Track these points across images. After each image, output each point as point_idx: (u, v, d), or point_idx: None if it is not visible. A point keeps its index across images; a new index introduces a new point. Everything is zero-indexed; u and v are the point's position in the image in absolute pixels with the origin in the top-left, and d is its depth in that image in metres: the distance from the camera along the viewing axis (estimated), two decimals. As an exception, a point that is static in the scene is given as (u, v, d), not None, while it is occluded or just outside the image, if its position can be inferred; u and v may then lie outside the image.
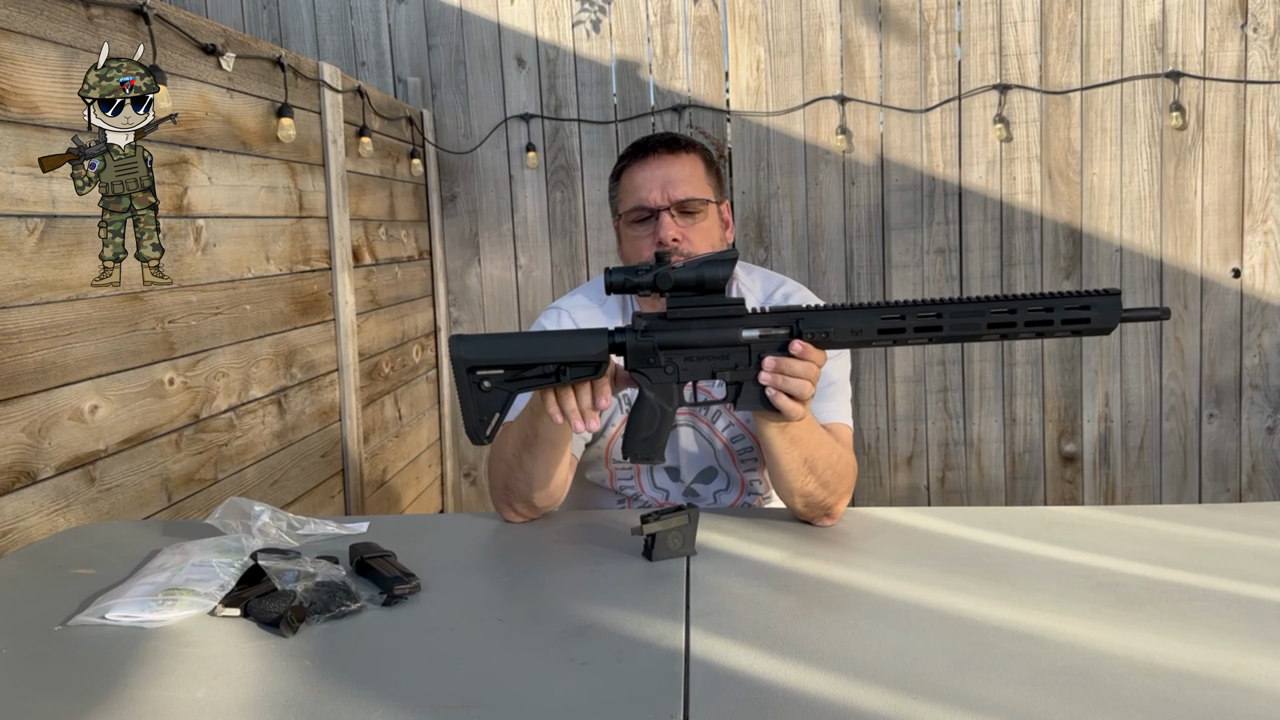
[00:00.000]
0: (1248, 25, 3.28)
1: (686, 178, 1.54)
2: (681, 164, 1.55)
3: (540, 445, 1.37)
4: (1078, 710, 0.84)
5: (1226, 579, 1.12)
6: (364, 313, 2.87)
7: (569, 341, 1.23)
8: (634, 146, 1.60)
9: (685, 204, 1.53)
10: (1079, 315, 1.13)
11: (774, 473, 1.38)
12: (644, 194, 1.54)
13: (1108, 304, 1.13)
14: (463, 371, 1.22)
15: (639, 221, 1.55)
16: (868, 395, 3.58)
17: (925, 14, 3.40)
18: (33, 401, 1.48)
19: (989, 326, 1.15)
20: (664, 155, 1.55)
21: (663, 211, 1.52)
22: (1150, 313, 1.13)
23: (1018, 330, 1.15)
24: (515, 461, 1.40)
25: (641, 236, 1.54)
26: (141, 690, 0.92)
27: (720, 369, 1.23)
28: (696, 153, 1.58)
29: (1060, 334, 1.15)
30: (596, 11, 3.50)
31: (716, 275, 1.20)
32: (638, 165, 1.57)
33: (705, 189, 1.56)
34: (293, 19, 3.59)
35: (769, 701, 0.87)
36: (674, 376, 1.22)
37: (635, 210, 1.55)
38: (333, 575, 1.11)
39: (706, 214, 1.55)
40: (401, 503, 3.20)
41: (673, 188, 1.53)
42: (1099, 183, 3.40)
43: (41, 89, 1.53)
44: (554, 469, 1.40)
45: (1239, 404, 3.44)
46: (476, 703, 0.88)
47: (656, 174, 1.54)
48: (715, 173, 1.61)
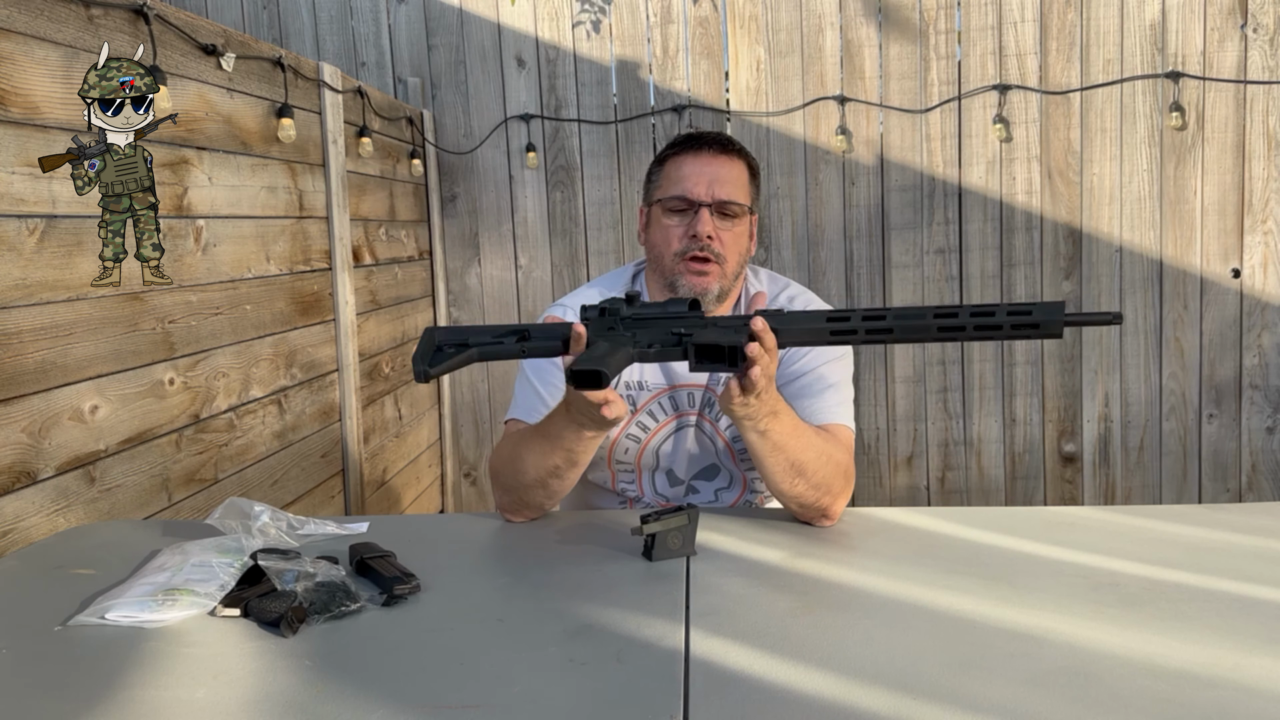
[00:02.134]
0: (1248, 25, 3.28)
1: (733, 180, 1.55)
2: (731, 165, 1.56)
3: (574, 468, 1.39)
4: (1078, 710, 0.84)
5: (1226, 579, 1.12)
6: (364, 313, 2.87)
7: (535, 326, 1.26)
8: (687, 137, 1.60)
9: (726, 205, 1.53)
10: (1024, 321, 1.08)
11: (764, 477, 1.38)
12: (689, 185, 1.54)
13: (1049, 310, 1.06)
14: (429, 339, 1.24)
15: (676, 211, 1.55)
16: (868, 395, 3.58)
17: (925, 14, 3.40)
18: (33, 401, 1.48)
19: (939, 330, 1.12)
20: (716, 152, 1.56)
21: (704, 206, 1.52)
22: (1101, 317, 1.05)
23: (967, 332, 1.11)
24: (538, 483, 1.40)
25: (675, 226, 1.54)
26: (141, 690, 0.92)
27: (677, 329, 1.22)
28: (745, 160, 1.59)
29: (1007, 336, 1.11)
30: (596, 12, 3.50)
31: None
32: (690, 156, 1.56)
33: (746, 196, 1.57)
34: (293, 19, 3.59)
35: (769, 701, 0.87)
36: (629, 340, 1.22)
37: (676, 199, 1.55)
38: (333, 575, 1.11)
39: (742, 221, 1.56)
40: (401, 503, 3.20)
41: (719, 186, 1.53)
42: (1099, 183, 3.40)
43: (41, 89, 1.53)
44: (575, 479, 1.43)
45: (1239, 404, 3.44)
46: (476, 703, 0.88)
47: (706, 169, 1.54)
48: (756, 184, 1.61)
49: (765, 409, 1.27)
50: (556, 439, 1.36)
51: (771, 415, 1.29)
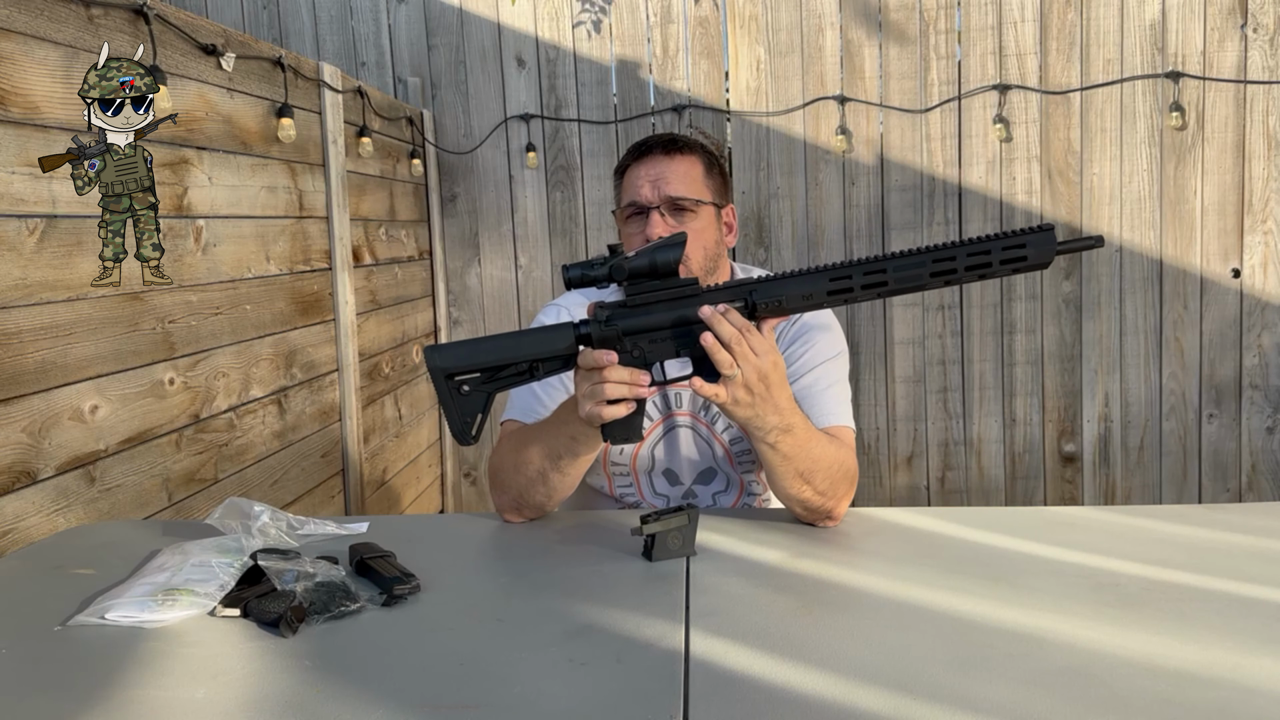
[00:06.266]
0: (1248, 25, 3.28)
1: (680, 177, 1.56)
2: (676, 164, 1.57)
3: (576, 460, 1.38)
4: (1078, 710, 0.84)
5: (1226, 579, 1.12)
6: (364, 313, 2.87)
7: (538, 339, 1.25)
8: (634, 146, 1.63)
9: (675, 201, 1.54)
10: (1015, 255, 1.15)
11: (770, 482, 1.38)
12: (636, 190, 1.57)
13: (1042, 239, 1.14)
14: (441, 379, 1.25)
15: (632, 218, 1.57)
16: (868, 395, 3.58)
17: (925, 14, 3.40)
18: (33, 401, 1.48)
19: (931, 275, 1.17)
20: (659, 155, 1.58)
21: (653, 209, 1.53)
22: (1085, 242, 1.15)
23: (960, 275, 1.16)
24: (539, 477, 1.40)
25: (635, 234, 1.57)
26: (141, 690, 0.92)
27: (683, 347, 1.24)
28: (695, 154, 1.59)
29: (1001, 273, 1.16)
30: (597, 12, 3.50)
31: (668, 259, 1.21)
32: (635, 163, 1.60)
33: (700, 190, 1.56)
34: (293, 19, 3.59)
35: (769, 701, 0.87)
36: (640, 359, 1.24)
37: (629, 206, 1.58)
38: (332, 575, 1.11)
39: (699, 214, 1.55)
40: (401, 503, 3.20)
41: (664, 185, 1.55)
42: (1099, 183, 3.40)
43: (42, 89, 1.53)
44: (578, 479, 1.42)
45: (1239, 404, 3.44)
46: (476, 703, 0.88)
47: (650, 172, 1.56)
48: (718, 175, 1.61)
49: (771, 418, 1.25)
50: (555, 436, 1.36)
51: (783, 430, 1.27)
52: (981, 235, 1.16)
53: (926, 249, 1.17)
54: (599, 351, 1.22)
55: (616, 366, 1.22)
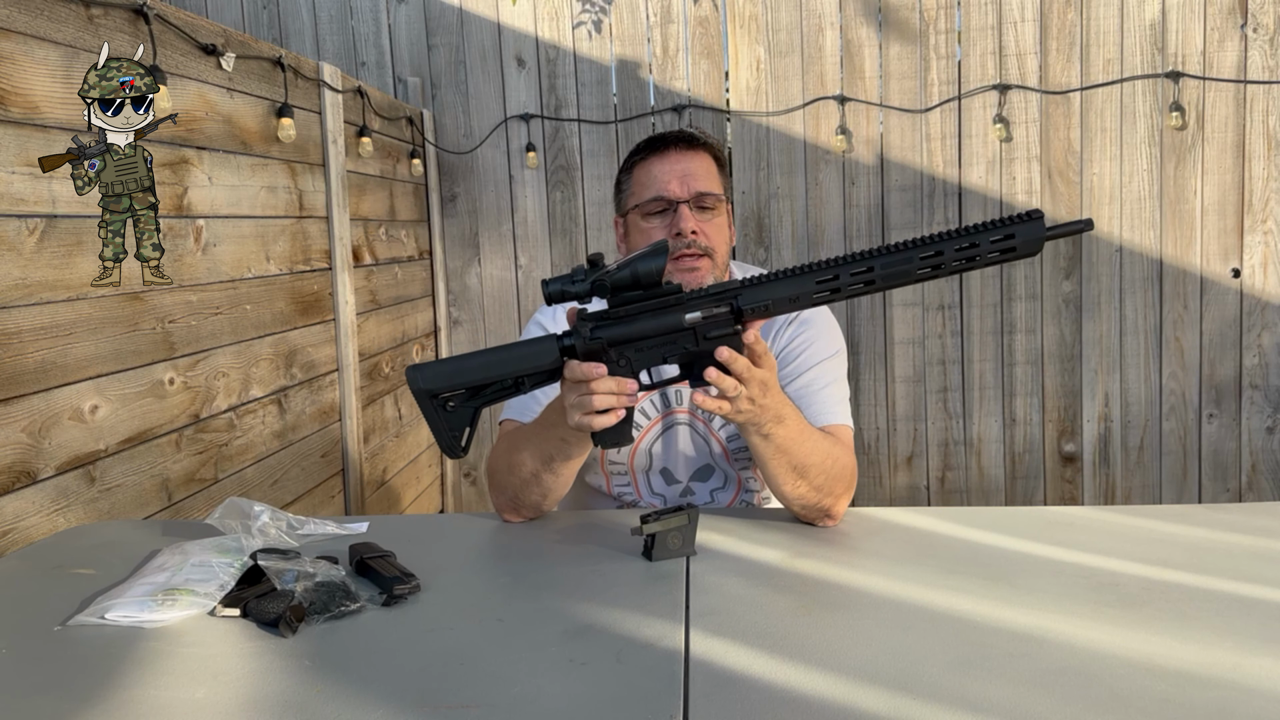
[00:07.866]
0: (1248, 25, 3.28)
1: (705, 172, 1.56)
2: (699, 159, 1.57)
3: (568, 462, 1.38)
4: (1078, 710, 0.84)
5: (1226, 579, 1.12)
6: (364, 313, 2.87)
7: (522, 354, 1.24)
8: (650, 141, 1.61)
9: (703, 198, 1.54)
10: (1005, 245, 1.12)
11: (765, 478, 1.38)
12: (663, 185, 1.54)
13: (1030, 229, 1.11)
14: (426, 400, 1.25)
15: (655, 214, 1.55)
16: (868, 395, 3.58)
17: (925, 14, 3.40)
18: (33, 401, 1.48)
19: (920, 269, 1.15)
20: (683, 149, 1.57)
21: (682, 204, 1.53)
22: (1074, 226, 1.13)
23: (948, 268, 1.14)
24: (532, 478, 1.40)
25: (656, 228, 1.55)
26: (141, 690, 0.92)
27: (670, 355, 1.23)
28: (710, 151, 1.60)
29: (990, 263, 1.14)
30: (597, 12, 3.50)
31: (650, 269, 1.20)
32: (656, 158, 1.57)
33: (719, 186, 1.58)
34: (293, 19, 3.59)
35: (769, 701, 0.87)
36: (627, 369, 1.23)
37: (655, 201, 1.55)
38: (332, 575, 1.11)
39: (720, 211, 1.57)
40: (401, 503, 3.20)
41: (693, 180, 1.54)
42: (1099, 183, 3.40)
43: (41, 89, 1.53)
44: (571, 478, 1.42)
45: (1239, 404, 3.44)
46: (476, 703, 0.88)
47: (676, 167, 1.55)
48: (725, 173, 1.62)
49: (769, 415, 1.26)
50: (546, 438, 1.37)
51: (776, 421, 1.28)
52: (972, 225, 1.14)
53: (915, 242, 1.14)
54: (587, 365, 1.21)
55: (604, 378, 1.21)
